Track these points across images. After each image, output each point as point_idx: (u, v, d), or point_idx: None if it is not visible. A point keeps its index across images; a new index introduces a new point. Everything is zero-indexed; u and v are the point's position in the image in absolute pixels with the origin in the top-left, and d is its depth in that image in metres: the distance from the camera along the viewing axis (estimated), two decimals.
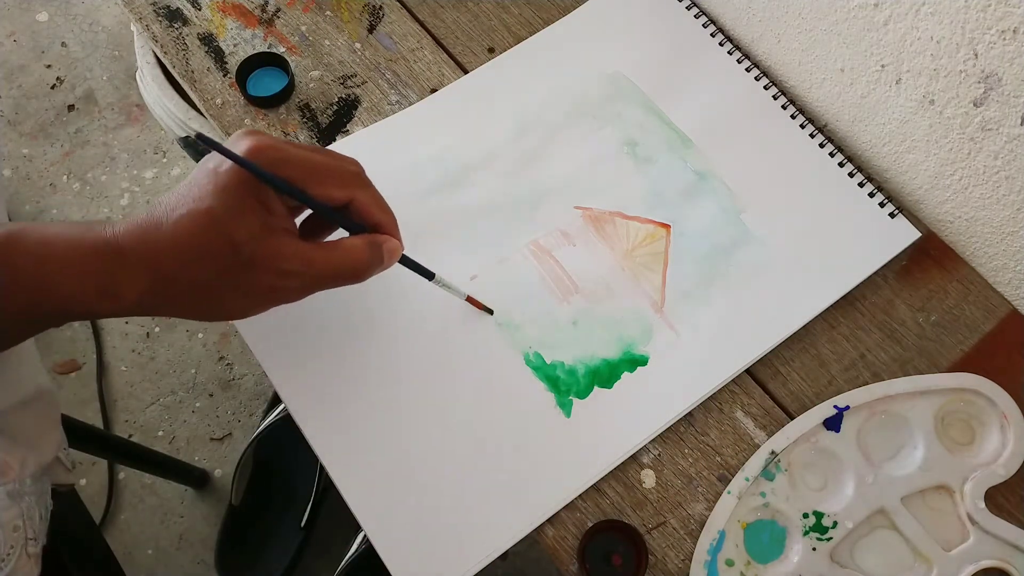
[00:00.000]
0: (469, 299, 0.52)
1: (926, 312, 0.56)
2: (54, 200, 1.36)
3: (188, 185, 0.39)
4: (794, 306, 0.55)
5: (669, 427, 0.51)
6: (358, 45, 0.63)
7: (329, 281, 0.42)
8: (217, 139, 0.39)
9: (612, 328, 0.53)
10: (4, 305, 0.37)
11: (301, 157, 0.40)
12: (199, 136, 0.38)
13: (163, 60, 0.63)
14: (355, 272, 0.42)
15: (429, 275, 0.48)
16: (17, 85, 1.45)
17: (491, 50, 0.63)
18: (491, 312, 0.53)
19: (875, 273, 0.56)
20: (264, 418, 1.10)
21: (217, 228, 0.37)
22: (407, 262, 0.47)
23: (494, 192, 0.57)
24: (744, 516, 0.49)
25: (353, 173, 0.42)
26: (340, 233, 0.44)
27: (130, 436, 1.20)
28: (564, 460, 0.50)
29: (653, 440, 0.51)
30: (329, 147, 0.58)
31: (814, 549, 0.48)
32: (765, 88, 0.61)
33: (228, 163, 0.38)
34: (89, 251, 0.37)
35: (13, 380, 0.48)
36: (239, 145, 0.38)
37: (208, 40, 0.63)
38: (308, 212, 0.46)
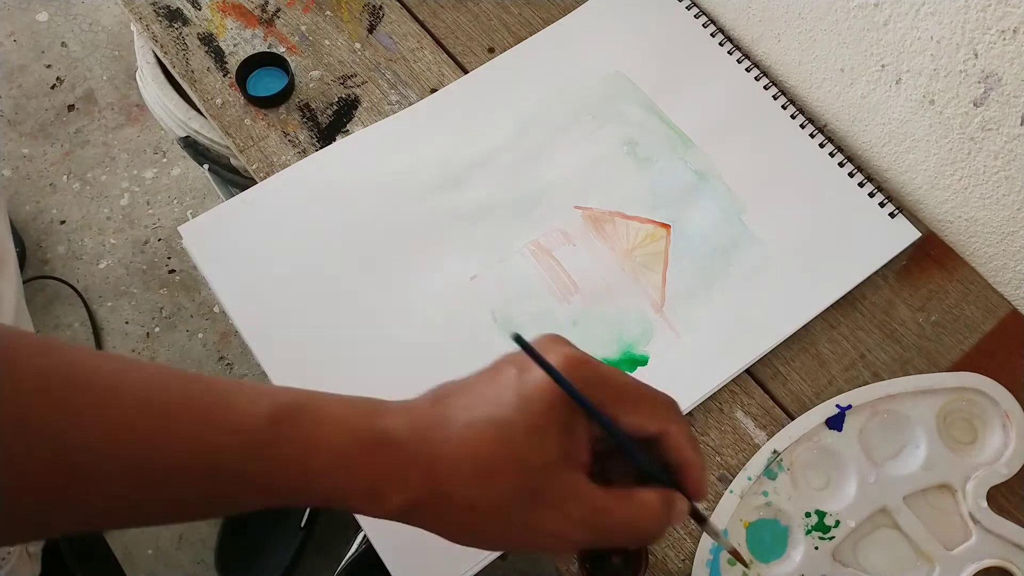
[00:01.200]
0: (732, 551, 0.41)
1: (926, 312, 0.56)
2: (54, 200, 1.36)
3: (485, 383, 0.34)
4: (794, 306, 0.55)
5: None
6: (358, 45, 0.63)
7: (612, 538, 0.34)
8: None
9: (612, 328, 0.53)
10: (258, 489, 0.32)
11: (616, 379, 0.34)
12: (517, 339, 0.33)
13: (163, 60, 0.63)
14: (642, 537, 0.35)
15: (702, 519, 0.39)
16: (17, 85, 1.45)
17: (491, 50, 0.63)
18: (748, 565, 0.46)
19: (875, 273, 0.56)
20: None
21: (512, 446, 0.32)
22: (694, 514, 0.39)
23: (494, 192, 0.57)
24: (746, 515, 0.49)
25: (669, 403, 0.36)
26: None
27: None
28: None
29: None
30: (329, 147, 0.58)
31: (816, 548, 0.48)
32: (765, 88, 0.61)
33: (536, 370, 0.33)
34: (366, 445, 0.32)
35: None
36: (551, 353, 0.33)
37: (208, 40, 0.63)
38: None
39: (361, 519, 0.48)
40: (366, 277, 0.54)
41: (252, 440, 0.30)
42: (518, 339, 0.33)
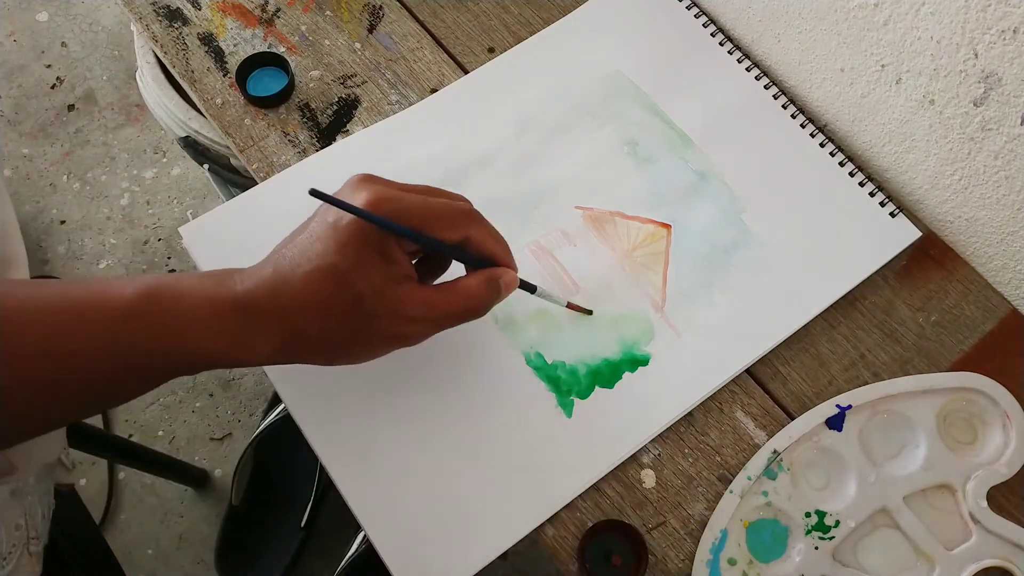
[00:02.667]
0: (570, 305, 0.52)
1: (926, 312, 0.56)
2: (54, 200, 1.36)
3: (309, 239, 0.40)
4: (794, 306, 0.55)
5: (669, 427, 0.51)
6: (358, 45, 0.63)
7: (450, 322, 0.43)
8: (326, 188, 0.39)
9: (613, 328, 0.53)
10: (141, 361, 0.38)
11: (418, 204, 0.40)
12: (314, 192, 0.38)
13: (163, 60, 0.63)
14: (475, 311, 0.43)
15: (531, 288, 0.48)
16: (17, 85, 1.45)
17: (491, 50, 0.63)
18: (590, 312, 0.53)
19: (875, 273, 0.56)
20: (264, 418, 1.10)
21: (342, 284, 0.39)
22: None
23: (494, 192, 0.57)
24: (746, 515, 0.49)
25: (466, 211, 0.43)
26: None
27: (130, 436, 1.20)
28: (564, 460, 0.50)
29: (653, 440, 0.51)
30: (329, 147, 0.58)
31: (816, 548, 0.48)
32: (765, 88, 0.61)
33: (347, 217, 0.39)
34: (225, 307, 0.39)
35: None
36: (356, 197, 0.39)
37: (208, 40, 0.63)
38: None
39: (361, 518, 0.48)
40: None
41: (125, 318, 0.37)
42: (315, 193, 0.38)
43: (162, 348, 0.38)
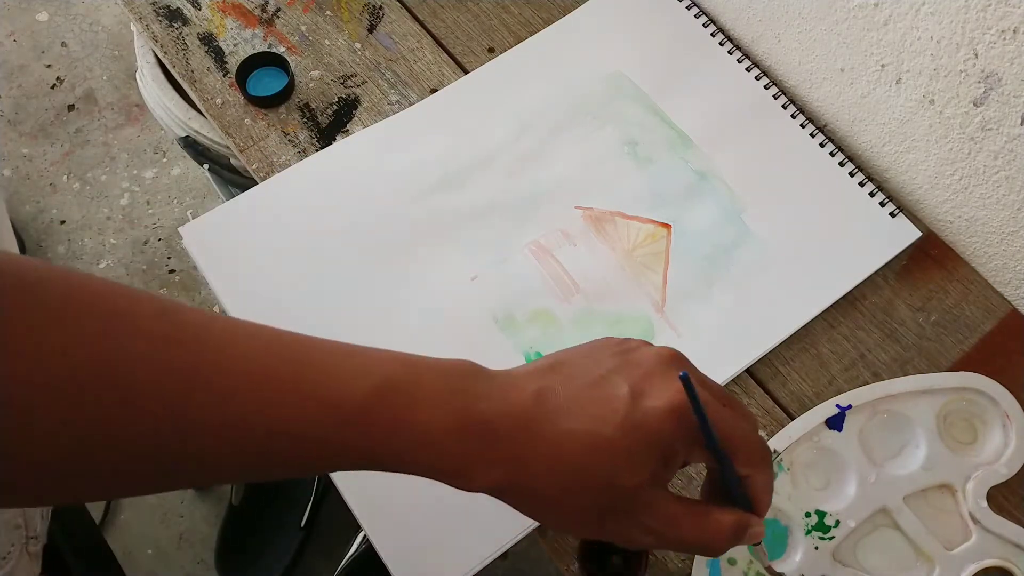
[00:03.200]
0: (769, 568, 0.47)
1: (926, 312, 0.56)
2: (54, 200, 1.36)
3: (593, 392, 0.34)
4: (794, 306, 0.55)
5: None
6: (358, 45, 0.63)
7: (680, 548, 0.37)
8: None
9: (613, 328, 0.53)
10: (338, 462, 0.33)
11: (729, 421, 0.35)
12: (685, 383, 0.33)
13: (163, 60, 0.63)
14: (710, 550, 0.36)
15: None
16: (17, 85, 1.45)
17: (491, 50, 0.63)
18: None
19: (875, 273, 0.56)
20: None
21: (608, 464, 0.33)
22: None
23: (494, 192, 0.57)
24: None
25: (766, 452, 0.37)
26: None
27: None
28: None
29: None
30: (329, 147, 0.58)
31: (816, 548, 0.48)
32: (765, 88, 0.61)
33: (653, 403, 0.33)
34: (457, 428, 0.33)
35: None
36: (672, 388, 0.34)
37: (208, 40, 0.63)
38: None
39: (361, 518, 0.48)
40: (366, 277, 0.54)
41: (348, 417, 0.31)
42: (686, 381, 0.33)
43: (373, 458, 0.33)
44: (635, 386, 0.34)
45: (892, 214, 0.57)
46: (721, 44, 0.63)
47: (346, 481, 0.49)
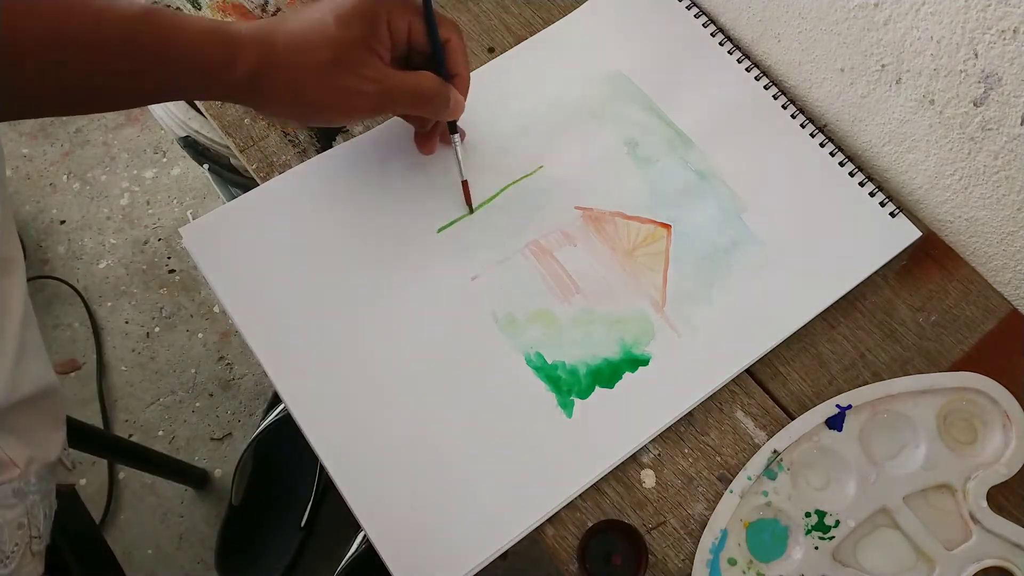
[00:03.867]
0: (464, 184, 0.56)
1: (926, 312, 0.56)
2: (54, 200, 1.36)
3: None
4: (794, 306, 0.55)
5: (669, 427, 0.51)
6: None
7: (401, 97, 0.49)
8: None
9: (613, 328, 0.53)
10: (140, 65, 0.44)
11: None
12: None
13: None
14: (423, 96, 0.50)
15: (454, 129, 0.55)
16: None
17: (491, 50, 0.63)
18: (471, 209, 0.56)
19: (875, 273, 0.56)
20: (264, 418, 1.10)
21: (325, 28, 0.46)
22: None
23: (495, 192, 0.57)
24: (746, 515, 0.49)
25: (453, 21, 0.51)
26: None
27: (130, 436, 1.20)
28: (565, 460, 0.50)
29: (653, 440, 0.51)
30: (329, 149, 0.58)
31: (816, 548, 0.48)
32: (765, 88, 0.61)
33: None
34: (214, 30, 0.45)
35: (21, 377, 0.48)
36: None
37: None
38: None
39: (361, 518, 0.48)
40: (367, 277, 0.54)
41: (133, 22, 0.43)
42: None
43: (159, 56, 0.43)
44: None
45: (892, 214, 0.57)
46: (721, 44, 0.63)
47: (346, 481, 0.49)
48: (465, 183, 0.56)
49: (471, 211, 0.56)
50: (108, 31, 0.42)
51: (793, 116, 0.60)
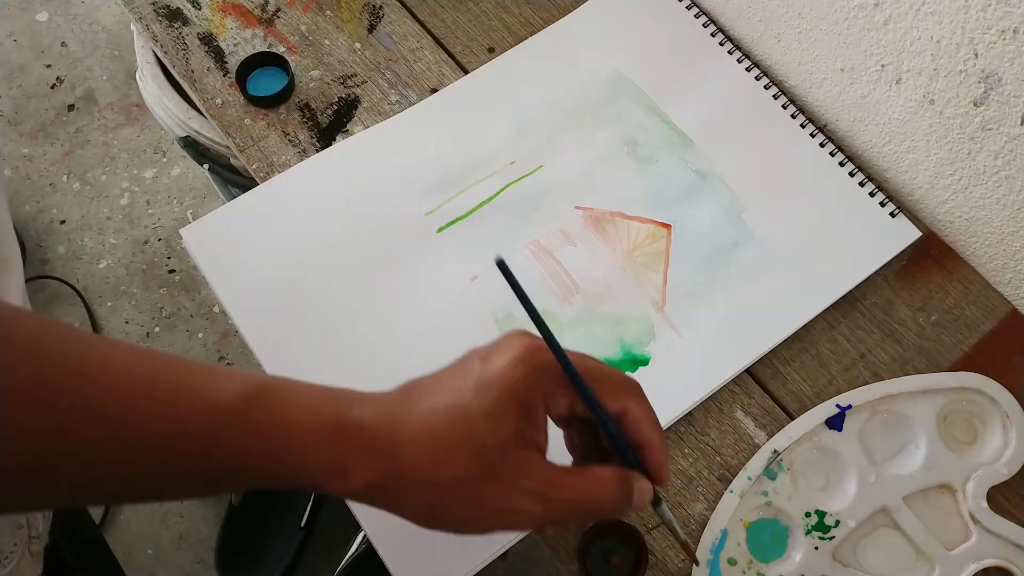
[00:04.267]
0: (685, 544, 0.44)
1: (926, 312, 0.56)
2: (54, 200, 1.36)
3: (449, 373, 0.36)
4: (794, 306, 0.55)
5: (669, 427, 0.51)
6: (358, 45, 0.63)
7: (569, 513, 0.36)
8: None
9: (613, 328, 0.53)
10: (230, 461, 0.34)
11: (586, 360, 0.37)
12: (500, 264, 0.36)
13: (163, 60, 0.63)
14: (600, 509, 0.37)
15: (657, 501, 0.41)
16: (17, 85, 1.45)
17: (491, 50, 0.63)
18: (696, 562, 0.47)
19: (875, 273, 0.56)
20: None
21: (469, 427, 0.34)
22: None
23: (494, 192, 0.57)
24: (746, 515, 0.49)
25: (632, 384, 0.38)
26: None
27: None
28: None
29: None
30: (329, 148, 0.58)
31: (816, 548, 0.48)
32: (765, 88, 0.61)
33: (499, 360, 0.35)
34: (331, 427, 0.34)
35: None
36: (518, 340, 0.36)
37: (208, 40, 0.63)
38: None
39: (361, 518, 0.48)
40: (367, 277, 0.54)
41: (223, 417, 0.33)
42: (500, 264, 0.36)
43: (250, 457, 0.33)
44: (484, 356, 0.36)
45: (892, 214, 0.57)
46: (721, 44, 0.63)
47: None
48: (686, 544, 0.44)
49: (696, 564, 0.47)
50: (183, 423, 0.33)
51: (793, 116, 0.60)
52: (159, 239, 1.34)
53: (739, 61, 0.62)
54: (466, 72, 0.62)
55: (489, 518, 0.36)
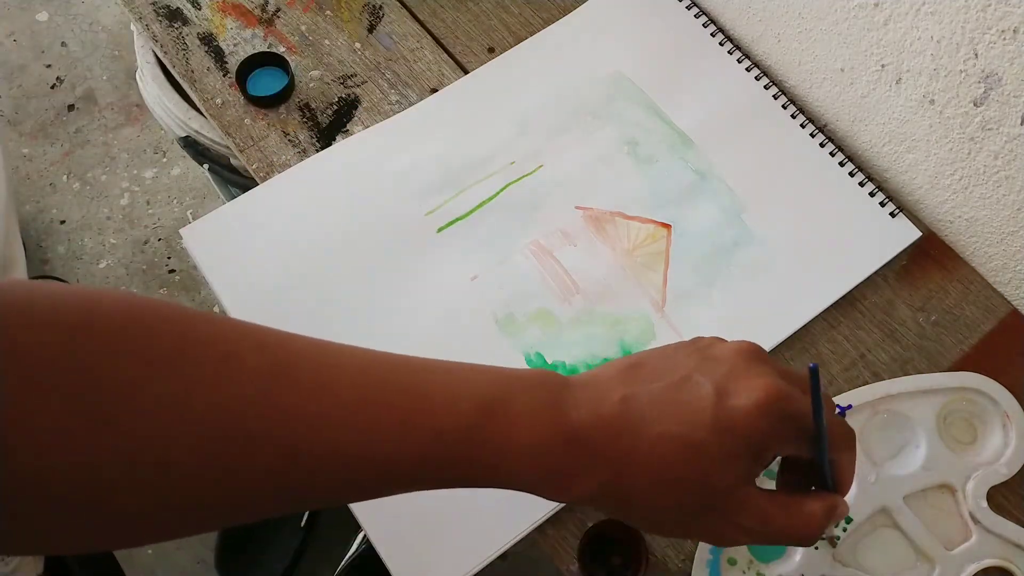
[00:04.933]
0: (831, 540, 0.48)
1: (926, 312, 0.56)
2: (54, 200, 1.36)
3: (678, 394, 0.34)
4: (794, 306, 0.55)
5: None
6: (358, 45, 0.63)
7: (776, 542, 0.38)
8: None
9: (613, 328, 0.53)
10: (451, 476, 0.33)
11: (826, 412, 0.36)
12: (814, 372, 0.34)
13: (163, 60, 0.63)
14: (805, 541, 0.37)
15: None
16: (17, 85, 1.45)
17: (491, 50, 0.63)
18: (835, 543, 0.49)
19: (875, 273, 0.56)
20: None
21: (701, 467, 0.33)
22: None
23: (494, 192, 0.57)
24: None
25: (851, 434, 0.38)
26: None
27: None
28: None
29: None
30: (329, 148, 0.58)
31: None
32: (765, 88, 0.61)
33: (740, 402, 0.33)
34: (555, 442, 0.33)
35: None
36: (757, 381, 0.34)
37: (208, 40, 0.63)
38: None
39: (361, 518, 0.48)
40: (367, 277, 0.54)
41: (452, 443, 0.32)
42: (814, 376, 0.34)
43: (471, 473, 0.33)
44: (719, 385, 0.34)
45: (892, 214, 0.57)
46: (721, 44, 0.63)
47: None
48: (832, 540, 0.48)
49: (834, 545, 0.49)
50: (419, 450, 0.32)
51: (793, 116, 0.60)
52: (159, 239, 1.34)
53: (739, 61, 0.62)
54: (466, 72, 0.62)
55: (696, 536, 0.38)
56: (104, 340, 0.26)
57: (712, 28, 0.63)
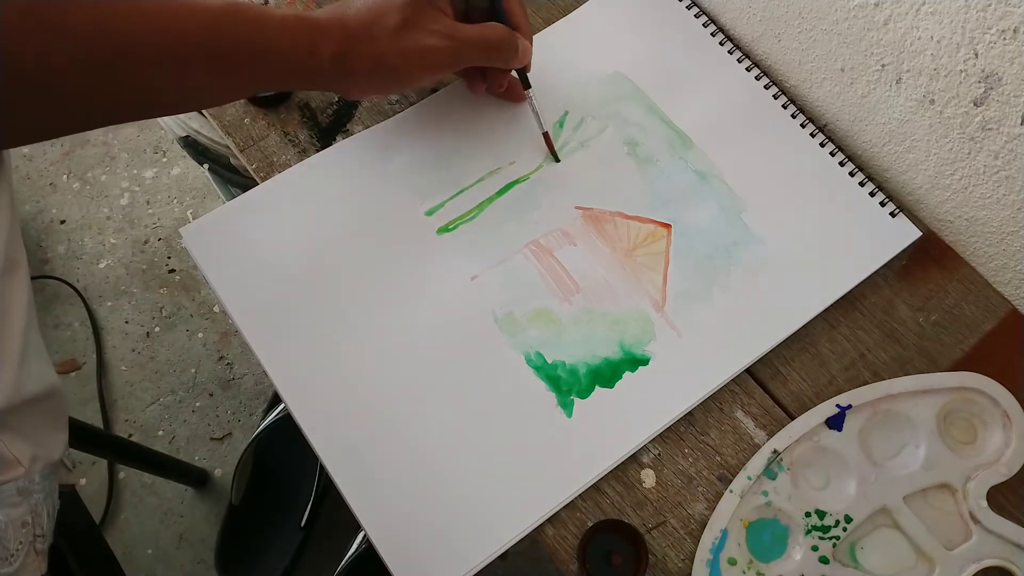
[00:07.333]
0: (545, 135, 0.58)
1: (926, 312, 0.56)
2: (54, 199, 1.36)
3: None
4: (794, 306, 0.55)
5: (669, 427, 0.51)
6: None
7: (472, 48, 0.51)
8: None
9: (613, 328, 0.53)
10: (229, 62, 0.45)
11: None
12: None
13: None
14: (493, 44, 0.52)
15: (527, 84, 0.57)
16: None
17: None
18: (557, 158, 0.58)
19: (875, 273, 0.56)
20: (264, 418, 1.10)
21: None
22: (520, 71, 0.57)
23: (495, 192, 0.57)
24: (746, 515, 0.49)
25: None
26: None
27: (130, 436, 1.20)
28: (565, 460, 0.50)
29: (653, 440, 0.51)
30: (329, 148, 0.58)
31: (816, 548, 0.48)
32: (765, 88, 0.61)
33: None
34: (293, 20, 0.46)
35: (25, 377, 0.48)
36: None
37: None
38: None
39: (361, 518, 0.48)
40: (367, 277, 0.54)
41: (218, 15, 0.44)
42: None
43: (248, 51, 0.45)
44: None
45: (892, 214, 0.57)
46: (721, 44, 0.63)
47: (346, 481, 0.49)
48: (546, 135, 0.58)
49: (557, 161, 0.58)
50: (195, 30, 0.44)
51: (793, 116, 0.60)
52: (159, 239, 1.34)
53: (739, 61, 0.62)
54: None
55: (415, 59, 0.49)
56: None
57: (712, 28, 0.63)
